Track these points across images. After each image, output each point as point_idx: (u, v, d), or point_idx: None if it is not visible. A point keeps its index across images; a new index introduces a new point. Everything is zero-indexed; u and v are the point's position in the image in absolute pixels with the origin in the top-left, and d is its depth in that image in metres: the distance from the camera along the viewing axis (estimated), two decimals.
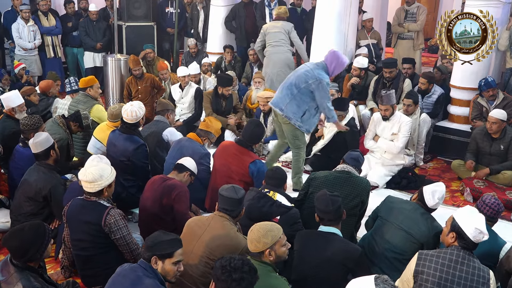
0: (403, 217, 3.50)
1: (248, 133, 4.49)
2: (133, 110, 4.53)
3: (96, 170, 3.39)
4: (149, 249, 2.78)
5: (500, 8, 6.13)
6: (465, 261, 2.78)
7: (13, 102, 5.11)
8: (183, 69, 7.07)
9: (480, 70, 6.25)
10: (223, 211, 3.27)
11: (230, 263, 2.44)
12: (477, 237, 2.77)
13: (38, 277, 2.85)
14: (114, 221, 3.34)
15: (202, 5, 9.15)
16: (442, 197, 3.53)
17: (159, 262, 2.76)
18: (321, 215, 3.24)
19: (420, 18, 8.13)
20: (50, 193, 4.05)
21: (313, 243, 3.20)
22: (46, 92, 6.47)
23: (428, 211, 3.54)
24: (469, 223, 2.79)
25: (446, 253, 2.83)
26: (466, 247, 2.81)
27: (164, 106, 5.46)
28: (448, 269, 2.77)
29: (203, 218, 3.39)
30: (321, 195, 3.28)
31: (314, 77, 4.84)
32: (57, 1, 9.92)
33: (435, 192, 3.50)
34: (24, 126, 4.58)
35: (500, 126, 5.40)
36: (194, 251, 3.17)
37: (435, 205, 3.52)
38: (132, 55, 7.58)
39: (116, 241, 3.38)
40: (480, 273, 2.76)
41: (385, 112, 5.54)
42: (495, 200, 3.46)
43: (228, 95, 6.57)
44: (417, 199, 3.60)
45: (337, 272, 3.07)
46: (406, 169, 5.72)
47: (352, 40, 7.54)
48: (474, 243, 2.80)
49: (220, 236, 3.18)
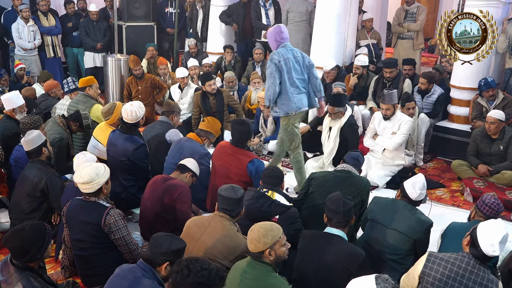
0: (392, 217, 3.49)
1: (236, 135, 4.46)
2: (133, 110, 4.53)
3: (90, 170, 3.40)
4: (161, 254, 2.79)
5: (500, 8, 6.13)
6: (474, 270, 2.68)
7: (14, 102, 5.12)
8: (182, 70, 7.06)
9: (480, 70, 6.25)
10: (223, 211, 3.28)
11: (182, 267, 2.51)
12: (487, 248, 2.65)
13: (38, 277, 2.85)
14: (114, 221, 3.34)
15: (201, 4, 9.16)
16: (423, 187, 3.52)
17: (169, 266, 2.78)
18: (331, 215, 3.21)
19: (420, 18, 8.14)
20: (46, 185, 4.06)
21: (317, 244, 3.18)
22: (49, 92, 6.52)
23: (414, 204, 3.54)
24: (487, 234, 2.68)
25: (457, 259, 2.73)
26: (476, 256, 2.70)
27: (171, 107, 5.45)
28: (456, 275, 2.68)
29: (203, 218, 3.39)
30: (334, 195, 3.26)
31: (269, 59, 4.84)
32: (57, 1, 9.92)
33: (415, 183, 3.51)
34: (24, 125, 4.59)
35: (498, 126, 5.40)
36: (194, 251, 3.18)
37: (419, 196, 3.51)
38: (132, 55, 7.60)
39: (116, 241, 3.38)
40: (489, 284, 2.66)
41: (386, 112, 5.54)
42: (495, 200, 3.43)
43: (212, 90, 6.37)
44: (401, 195, 3.60)
45: (337, 274, 3.05)
46: (406, 169, 5.71)
47: (352, 40, 7.54)
48: (485, 254, 2.67)
49: (220, 236, 3.18)
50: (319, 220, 3.41)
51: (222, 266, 3.11)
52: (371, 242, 3.55)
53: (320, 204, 3.78)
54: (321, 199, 3.77)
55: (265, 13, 8.25)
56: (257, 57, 7.76)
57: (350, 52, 7.51)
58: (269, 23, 8.24)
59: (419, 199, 3.54)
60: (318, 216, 3.52)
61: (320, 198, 3.85)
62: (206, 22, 9.09)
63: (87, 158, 3.87)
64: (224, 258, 3.15)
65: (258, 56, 7.76)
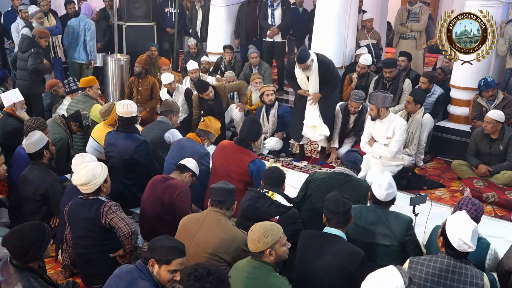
0: (373, 231, 3.43)
1: (245, 131, 4.48)
2: (127, 103, 4.65)
3: (87, 171, 3.41)
4: (149, 250, 2.78)
5: (500, 8, 6.14)
6: (456, 270, 2.67)
7: (15, 97, 5.21)
8: (167, 77, 7.00)
9: (480, 70, 6.25)
10: (216, 204, 3.34)
11: (195, 271, 2.44)
12: (461, 247, 2.64)
13: (38, 277, 2.85)
14: (108, 208, 3.39)
15: (201, 4, 9.15)
16: (389, 186, 3.47)
17: (156, 265, 2.73)
18: (330, 216, 3.21)
19: (423, 18, 8.13)
20: (47, 191, 4.06)
21: (317, 244, 3.18)
22: (51, 91, 6.65)
23: (386, 206, 3.51)
24: (455, 231, 2.67)
25: (437, 261, 2.72)
26: (453, 255, 2.69)
27: (169, 107, 5.44)
28: (439, 278, 2.67)
29: (197, 215, 3.43)
30: (333, 196, 3.25)
31: None
32: (57, 1, 9.92)
33: (380, 185, 3.48)
34: (28, 128, 4.59)
35: (494, 126, 5.40)
36: (191, 248, 3.17)
37: (388, 196, 3.48)
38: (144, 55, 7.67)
39: (111, 221, 3.37)
40: (474, 280, 2.64)
41: (370, 111, 5.51)
42: (472, 206, 3.27)
43: (210, 98, 6.49)
44: (372, 201, 3.58)
45: (337, 274, 3.05)
46: (406, 169, 5.71)
47: (352, 40, 7.54)
48: (460, 252, 2.67)
49: (216, 231, 3.22)
50: (319, 222, 3.39)
51: (223, 260, 3.14)
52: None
53: (318, 207, 3.76)
54: (320, 201, 3.75)
55: (271, 13, 8.25)
56: (253, 61, 7.73)
57: (350, 52, 7.51)
58: (273, 23, 8.24)
59: (390, 198, 3.51)
60: (317, 218, 3.51)
61: (319, 200, 3.84)
62: (205, 22, 9.08)
63: (86, 159, 3.86)
64: (223, 252, 3.17)
65: (254, 60, 7.72)
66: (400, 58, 7.04)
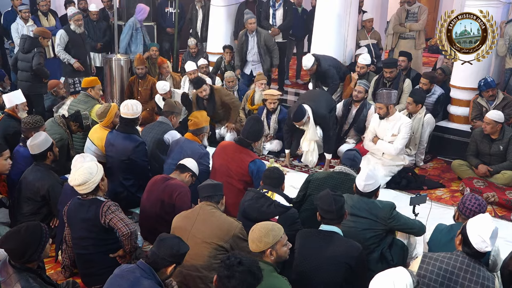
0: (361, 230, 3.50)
1: (247, 130, 4.48)
2: (133, 104, 4.63)
3: (83, 171, 3.41)
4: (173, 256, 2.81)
5: (500, 8, 6.14)
6: (469, 269, 2.68)
7: (17, 99, 5.19)
8: (163, 87, 6.94)
9: (480, 70, 6.25)
10: (206, 199, 3.43)
11: (227, 259, 2.50)
12: (479, 245, 2.66)
13: (37, 277, 2.85)
14: (108, 208, 3.39)
15: (201, 4, 9.15)
16: (368, 177, 3.55)
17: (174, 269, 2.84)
18: (323, 214, 3.21)
19: (422, 18, 8.13)
20: (48, 192, 4.06)
21: (314, 242, 3.18)
22: (51, 91, 6.67)
23: (369, 196, 3.57)
24: (476, 229, 2.69)
25: (451, 258, 2.74)
26: (470, 254, 2.71)
27: (171, 107, 5.41)
28: (451, 275, 2.69)
29: (189, 211, 3.49)
30: (324, 194, 3.25)
31: None
32: (57, 1, 9.91)
33: (361, 176, 3.58)
34: (25, 124, 4.59)
35: (494, 127, 5.40)
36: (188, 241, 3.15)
37: (366, 187, 3.55)
38: (138, 54, 7.61)
39: (111, 222, 3.37)
40: (485, 282, 2.66)
41: (379, 110, 5.53)
42: (476, 201, 3.27)
43: (204, 96, 6.58)
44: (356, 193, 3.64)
45: (338, 271, 3.06)
46: (406, 169, 5.71)
47: (352, 40, 7.54)
48: (478, 251, 2.69)
49: (212, 221, 3.31)
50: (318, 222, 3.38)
51: (222, 248, 3.23)
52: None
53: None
54: None
55: (272, 13, 8.24)
56: (251, 27, 7.60)
57: (350, 52, 7.50)
58: (274, 23, 8.23)
59: (372, 189, 3.57)
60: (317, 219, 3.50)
61: None
62: (205, 22, 9.07)
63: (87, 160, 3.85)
64: (220, 240, 3.25)
65: (251, 26, 7.59)
66: (400, 58, 7.04)
